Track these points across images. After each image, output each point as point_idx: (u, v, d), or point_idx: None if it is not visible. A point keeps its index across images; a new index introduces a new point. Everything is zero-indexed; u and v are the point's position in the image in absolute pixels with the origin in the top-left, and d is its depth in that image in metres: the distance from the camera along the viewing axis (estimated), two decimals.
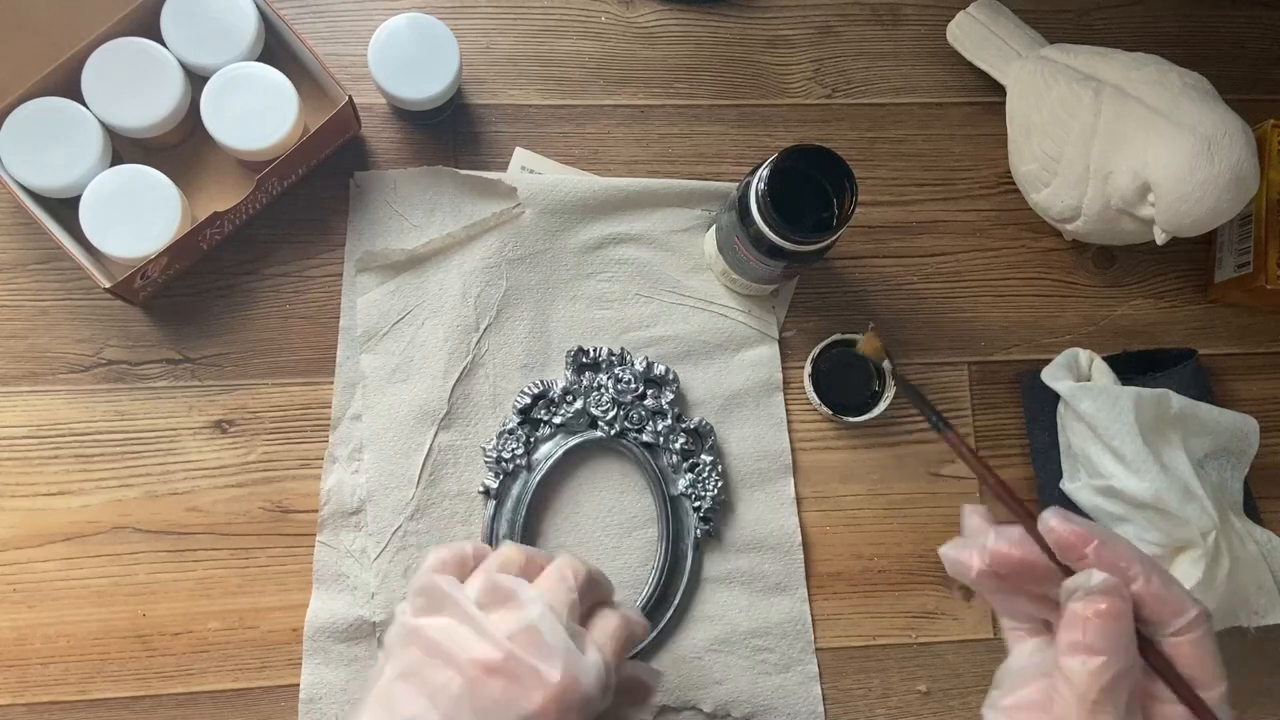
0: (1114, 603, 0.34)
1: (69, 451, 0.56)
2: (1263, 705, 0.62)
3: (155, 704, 0.55)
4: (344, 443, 0.58)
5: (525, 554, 0.44)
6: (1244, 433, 0.61)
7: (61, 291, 0.58)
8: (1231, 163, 0.53)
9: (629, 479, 0.60)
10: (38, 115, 0.54)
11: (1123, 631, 0.34)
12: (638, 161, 0.63)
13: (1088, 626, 0.34)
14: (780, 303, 0.62)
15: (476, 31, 0.63)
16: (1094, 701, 0.33)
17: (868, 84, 0.66)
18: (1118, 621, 0.34)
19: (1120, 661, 0.33)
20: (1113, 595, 0.34)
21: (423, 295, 0.59)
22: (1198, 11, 0.69)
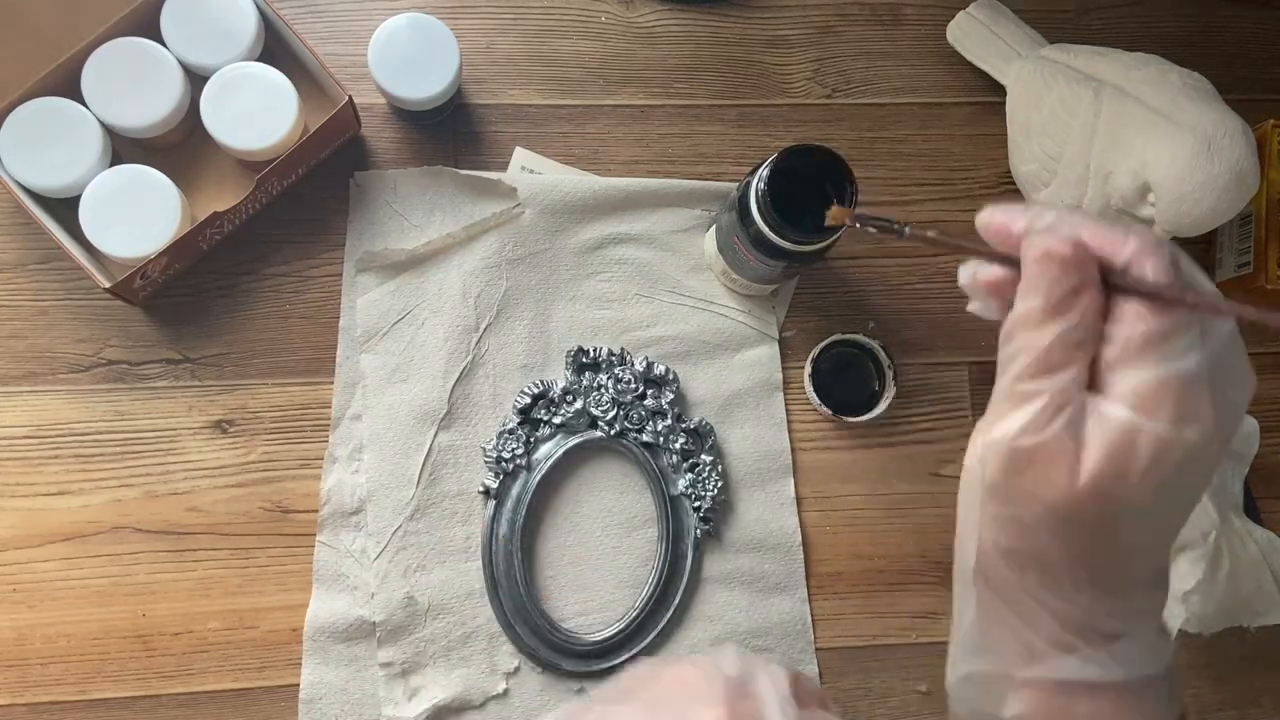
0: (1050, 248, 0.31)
1: (69, 451, 0.56)
2: (1263, 705, 0.62)
3: (155, 704, 0.55)
4: (344, 443, 0.58)
5: None
6: (1244, 433, 0.61)
7: (61, 291, 0.58)
8: (1231, 163, 0.53)
9: (629, 479, 0.60)
10: (38, 115, 0.54)
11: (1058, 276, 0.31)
12: (638, 161, 0.63)
13: (1026, 269, 0.32)
14: (780, 303, 0.62)
15: (476, 31, 0.63)
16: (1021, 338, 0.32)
17: (868, 84, 0.66)
18: (1052, 264, 0.31)
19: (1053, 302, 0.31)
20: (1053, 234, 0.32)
21: (423, 295, 0.59)
22: (1198, 11, 0.69)
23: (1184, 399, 0.30)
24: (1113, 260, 0.32)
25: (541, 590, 0.58)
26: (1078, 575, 0.33)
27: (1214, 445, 0.31)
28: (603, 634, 0.57)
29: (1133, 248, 0.31)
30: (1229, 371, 0.32)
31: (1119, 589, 0.33)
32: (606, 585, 0.58)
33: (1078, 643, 0.34)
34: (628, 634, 0.57)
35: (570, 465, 0.59)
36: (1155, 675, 0.34)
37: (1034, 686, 0.35)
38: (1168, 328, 0.31)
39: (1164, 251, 0.31)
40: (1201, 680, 0.62)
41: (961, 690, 0.38)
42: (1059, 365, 0.31)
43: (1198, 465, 0.31)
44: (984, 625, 0.36)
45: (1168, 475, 0.31)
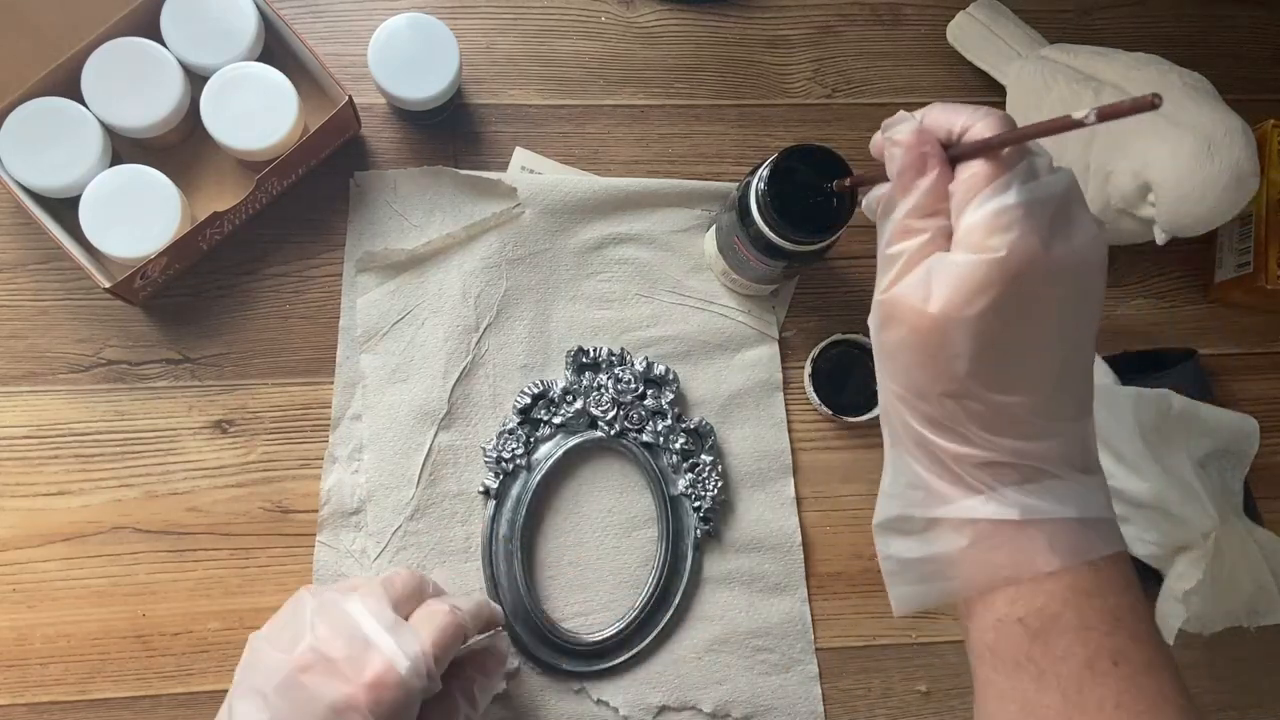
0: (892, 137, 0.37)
1: (69, 451, 0.56)
2: (1263, 705, 0.62)
3: (155, 704, 0.55)
4: (344, 443, 0.58)
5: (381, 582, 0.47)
6: (1244, 433, 0.61)
7: (61, 291, 0.58)
8: (1231, 163, 0.53)
9: (629, 479, 0.60)
10: (38, 115, 0.54)
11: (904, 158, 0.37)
12: (638, 161, 0.63)
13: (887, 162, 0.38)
14: (780, 303, 0.62)
15: (476, 31, 0.63)
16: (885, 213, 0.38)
17: (868, 84, 0.66)
18: (896, 150, 0.37)
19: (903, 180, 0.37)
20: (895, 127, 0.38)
21: (423, 295, 0.59)
22: (1198, 11, 0.69)
23: (1007, 227, 0.34)
24: (951, 132, 0.37)
25: (541, 590, 0.58)
26: (958, 415, 0.36)
27: (1051, 270, 0.35)
28: (603, 634, 0.57)
29: (965, 116, 0.37)
30: (1068, 209, 0.36)
31: (1005, 421, 0.36)
32: (606, 585, 0.58)
33: (979, 484, 0.37)
34: (628, 634, 0.57)
35: (570, 465, 0.59)
36: (1066, 517, 0.36)
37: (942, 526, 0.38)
38: (992, 171, 0.35)
39: (992, 116, 0.36)
40: (1201, 680, 0.62)
41: (881, 536, 0.41)
42: (913, 231, 0.36)
43: (1038, 286, 0.35)
44: (895, 472, 0.40)
45: (1004, 296, 0.34)
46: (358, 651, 0.43)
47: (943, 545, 0.38)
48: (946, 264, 0.35)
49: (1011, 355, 0.36)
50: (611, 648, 0.57)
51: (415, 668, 0.43)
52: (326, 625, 0.44)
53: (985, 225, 0.34)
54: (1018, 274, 0.34)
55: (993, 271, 0.34)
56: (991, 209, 0.35)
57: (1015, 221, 0.34)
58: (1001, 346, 0.35)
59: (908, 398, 0.38)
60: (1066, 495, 0.37)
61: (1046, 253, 0.34)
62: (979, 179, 0.35)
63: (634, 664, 0.58)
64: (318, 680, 0.42)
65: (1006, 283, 0.34)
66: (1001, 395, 0.36)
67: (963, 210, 0.35)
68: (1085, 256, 0.36)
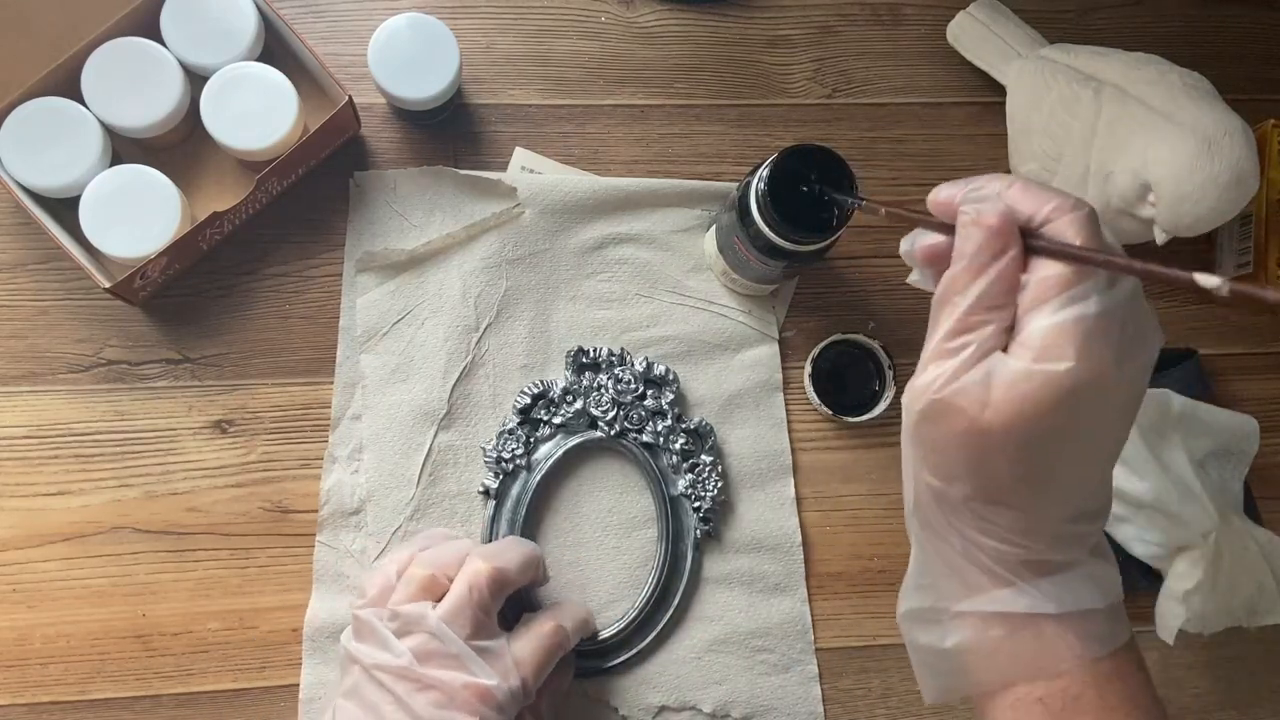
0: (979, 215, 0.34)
1: (69, 451, 0.56)
2: (1264, 705, 0.62)
3: (155, 704, 0.55)
4: (344, 443, 0.58)
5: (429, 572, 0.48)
6: (1244, 433, 0.61)
7: (61, 291, 0.58)
8: (1231, 163, 0.53)
9: (629, 479, 0.60)
10: (38, 115, 0.54)
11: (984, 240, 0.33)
12: (638, 161, 0.63)
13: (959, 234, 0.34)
14: (780, 303, 0.62)
15: (476, 31, 0.63)
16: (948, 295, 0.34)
17: (868, 84, 0.66)
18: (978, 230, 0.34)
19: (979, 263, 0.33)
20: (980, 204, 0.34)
21: (423, 295, 0.59)
22: (1198, 11, 0.69)
23: (1082, 341, 0.32)
24: (1034, 219, 0.34)
25: (541, 590, 0.58)
26: (999, 512, 0.36)
27: (1117, 387, 0.33)
28: (602, 634, 0.57)
29: (1051, 206, 0.34)
30: (1134, 324, 0.34)
31: (1044, 524, 0.36)
32: (606, 585, 0.58)
33: (1012, 576, 0.36)
34: (627, 634, 0.57)
35: (570, 465, 0.59)
36: (1094, 608, 0.37)
37: (972, 618, 0.37)
38: (1074, 275, 0.32)
39: (1081, 211, 0.33)
40: (1201, 680, 0.62)
41: (907, 626, 0.41)
42: (977, 325, 0.34)
43: (1099, 403, 0.33)
44: (923, 563, 0.39)
45: (1067, 412, 0.33)
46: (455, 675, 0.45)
47: (974, 638, 0.38)
48: (1011, 371, 0.33)
49: (1060, 468, 0.35)
50: (611, 648, 0.57)
51: (514, 694, 0.45)
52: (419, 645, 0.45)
53: (1059, 334, 0.32)
54: (1083, 391, 0.32)
55: (1061, 386, 0.32)
56: (1069, 318, 0.32)
57: (1091, 334, 0.32)
58: (1052, 460, 0.34)
59: (947, 495, 0.36)
60: (1092, 585, 0.37)
61: (1117, 369, 0.33)
62: (1058, 282, 0.32)
63: (633, 664, 0.58)
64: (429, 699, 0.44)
65: (1072, 398, 0.32)
66: (1044, 503, 0.35)
67: (1035, 310, 0.33)
68: (1149, 366, 0.35)
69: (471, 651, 0.45)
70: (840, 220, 0.51)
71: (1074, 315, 0.32)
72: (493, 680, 0.45)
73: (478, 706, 0.44)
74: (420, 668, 0.44)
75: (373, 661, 0.45)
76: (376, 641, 0.46)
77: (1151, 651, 0.62)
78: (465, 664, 0.45)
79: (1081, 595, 0.36)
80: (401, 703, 0.44)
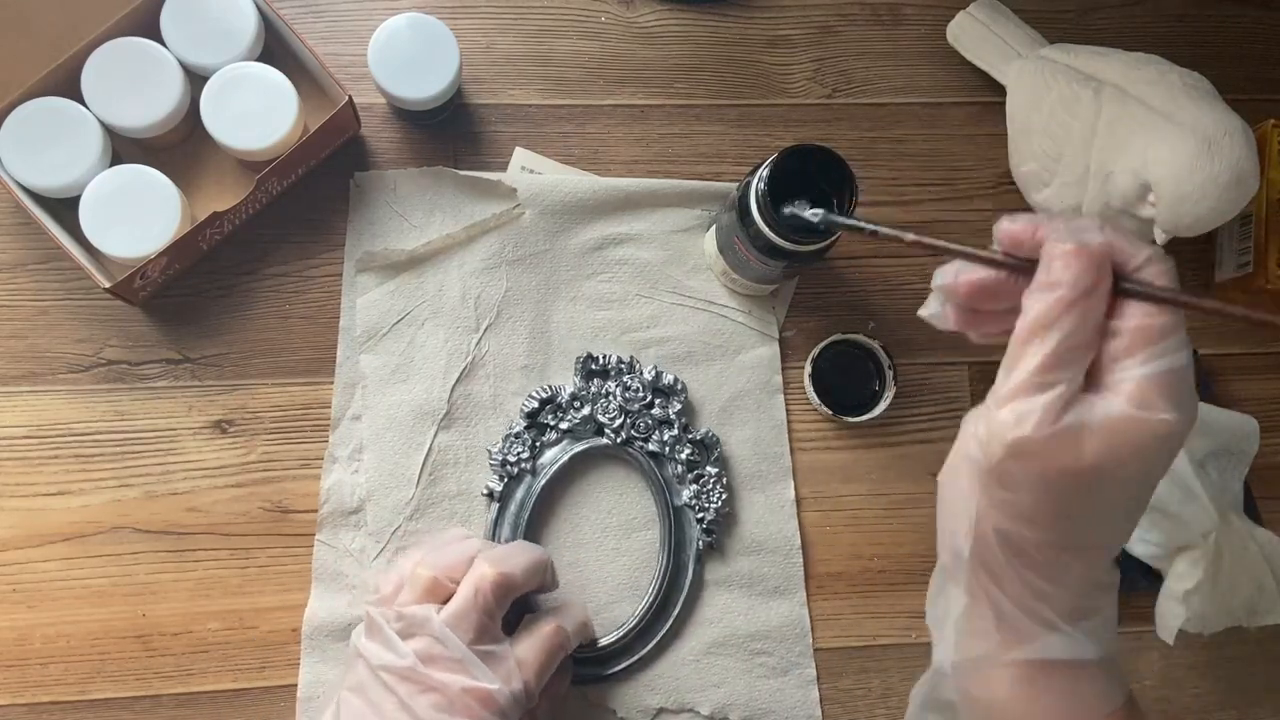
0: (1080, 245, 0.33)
1: (69, 451, 0.56)
2: (1264, 705, 0.62)
3: (155, 704, 0.55)
4: (344, 443, 0.58)
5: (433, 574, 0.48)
6: (1244, 433, 0.61)
7: (61, 291, 0.58)
8: (1231, 163, 0.53)
9: (633, 487, 0.60)
10: (38, 115, 0.54)
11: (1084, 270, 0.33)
12: (638, 161, 0.63)
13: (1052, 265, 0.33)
14: (780, 303, 0.62)
15: (476, 31, 0.63)
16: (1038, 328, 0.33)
17: (868, 84, 0.66)
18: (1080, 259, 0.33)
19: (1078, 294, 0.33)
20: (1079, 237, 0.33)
21: (423, 295, 0.59)
22: (1198, 11, 0.69)
23: (1178, 392, 0.33)
24: (1125, 264, 0.34)
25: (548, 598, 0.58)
26: (1065, 557, 0.35)
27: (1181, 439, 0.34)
28: (602, 641, 0.57)
29: (1146, 254, 0.34)
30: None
31: (1096, 568, 0.36)
32: (606, 587, 0.58)
33: (1058, 621, 0.36)
34: (627, 642, 0.57)
35: (575, 471, 0.59)
36: (1112, 655, 0.37)
37: (1015, 667, 0.37)
38: (1169, 325, 0.33)
39: (1170, 262, 0.34)
40: (1201, 680, 0.62)
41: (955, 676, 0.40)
42: (1069, 362, 0.33)
43: (1175, 450, 0.34)
44: (976, 609, 0.39)
45: (1156, 460, 0.33)
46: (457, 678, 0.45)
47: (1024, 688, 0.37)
48: (1114, 417, 0.33)
49: (1129, 509, 0.35)
50: (610, 656, 0.57)
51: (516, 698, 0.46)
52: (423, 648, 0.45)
53: (1158, 384, 0.32)
54: (1176, 439, 0.33)
55: (1156, 435, 0.32)
56: (1166, 368, 0.33)
57: (1184, 387, 0.33)
58: (1131, 505, 0.35)
59: (1021, 540, 0.35)
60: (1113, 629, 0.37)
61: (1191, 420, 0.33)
62: (1156, 331, 0.33)
63: (633, 670, 0.57)
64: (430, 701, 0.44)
65: (1165, 447, 0.33)
66: (1105, 547, 0.36)
67: (1131, 358, 0.33)
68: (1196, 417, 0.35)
69: (474, 656, 0.45)
70: None
71: (1168, 366, 0.33)
72: (495, 684, 0.45)
73: (479, 711, 0.45)
74: (423, 669, 0.45)
75: (379, 661, 0.46)
76: (383, 641, 0.46)
77: (1152, 651, 0.62)
78: (468, 668, 0.45)
79: (1109, 639, 0.37)
80: (404, 704, 0.44)
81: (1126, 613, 0.62)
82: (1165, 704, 0.61)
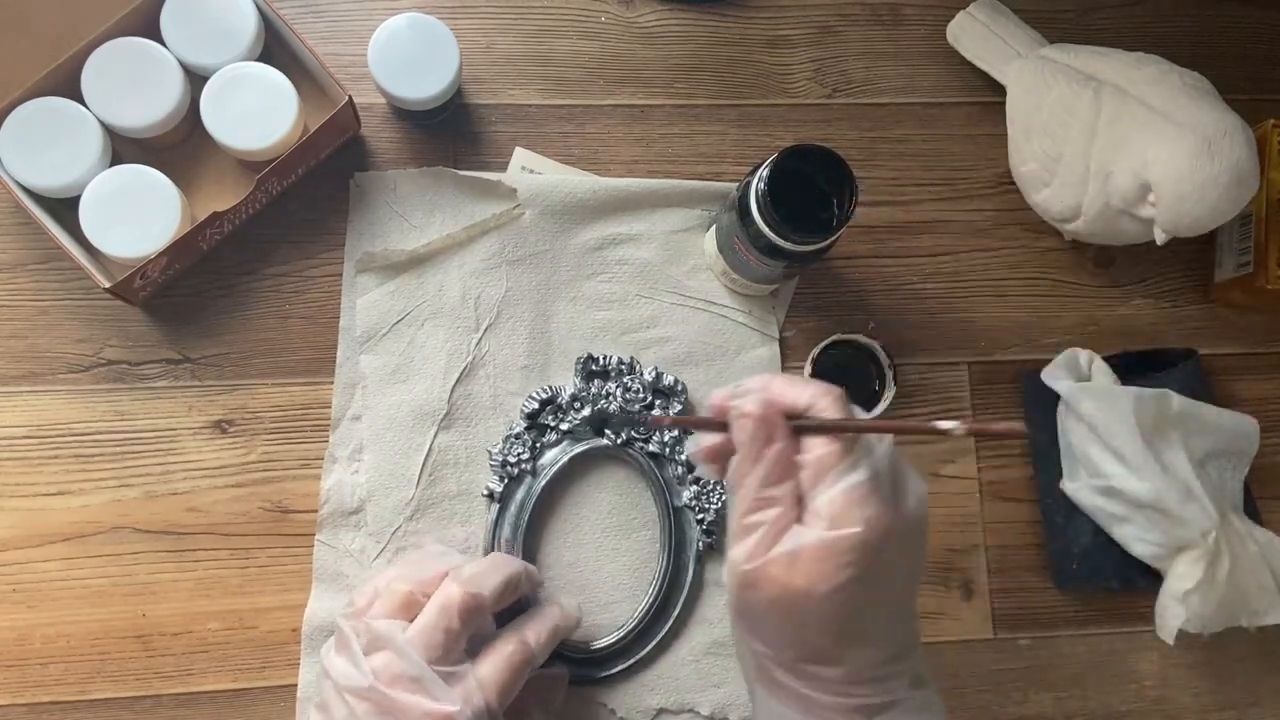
0: (752, 409, 0.40)
1: (69, 451, 0.56)
2: (1263, 705, 0.62)
3: (155, 704, 0.55)
4: (344, 443, 0.58)
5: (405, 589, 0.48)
6: (1244, 433, 0.61)
7: (61, 291, 0.58)
8: (1231, 163, 0.53)
9: (634, 488, 0.60)
10: (38, 115, 0.54)
11: (755, 429, 0.39)
12: (638, 161, 0.63)
13: (734, 428, 0.40)
14: (780, 303, 0.62)
15: (476, 31, 0.63)
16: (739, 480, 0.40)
17: (868, 84, 0.66)
18: (750, 421, 0.39)
19: (756, 449, 0.39)
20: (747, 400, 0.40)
21: (423, 296, 0.59)
22: (1198, 11, 0.69)
23: (862, 504, 0.37)
24: (796, 406, 0.40)
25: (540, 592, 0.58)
26: (825, 669, 0.40)
27: (899, 534, 0.38)
28: (602, 642, 0.57)
29: (810, 393, 0.40)
30: (898, 476, 0.40)
31: (865, 671, 0.40)
32: (605, 587, 0.58)
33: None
34: (627, 643, 0.57)
35: (575, 472, 0.59)
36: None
37: None
38: (842, 449, 0.38)
39: (835, 393, 0.40)
40: (1201, 680, 0.62)
41: None
42: (767, 501, 0.39)
43: (889, 553, 0.38)
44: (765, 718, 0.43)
45: (864, 568, 0.37)
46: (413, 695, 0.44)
47: None
48: (809, 540, 0.38)
49: (869, 617, 0.39)
50: (609, 657, 0.57)
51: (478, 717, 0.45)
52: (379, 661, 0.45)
53: (841, 502, 0.37)
54: (875, 545, 0.37)
55: (854, 546, 0.37)
56: (846, 487, 0.38)
57: (867, 497, 0.38)
58: (861, 612, 0.39)
59: (774, 656, 0.41)
60: (917, 716, 0.41)
61: (899, 518, 0.38)
62: (831, 457, 0.38)
63: (632, 670, 0.57)
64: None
65: (866, 555, 0.37)
66: (862, 652, 0.40)
67: (816, 486, 0.38)
68: (923, 510, 0.40)
69: (434, 675, 0.45)
70: (840, 220, 0.51)
71: (851, 483, 0.38)
72: (455, 705, 0.44)
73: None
74: (383, 689, 0.44)
75: (342, 681, 0.45)
76: (348, 657, 0.46)
77: (1151, 651, 0.62)
78: (427, 687, 0.44)
79: None
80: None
81: (1127, 613, 0.62)
82: (1165, 704, 0.62)
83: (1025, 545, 0.62)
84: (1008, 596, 0.61)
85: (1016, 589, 0.62)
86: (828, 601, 0.38)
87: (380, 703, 0.44)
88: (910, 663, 0.41)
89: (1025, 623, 0.61)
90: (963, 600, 0.61)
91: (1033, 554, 0.62)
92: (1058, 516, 0.61)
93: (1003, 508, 0.62)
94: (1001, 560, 0.62)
